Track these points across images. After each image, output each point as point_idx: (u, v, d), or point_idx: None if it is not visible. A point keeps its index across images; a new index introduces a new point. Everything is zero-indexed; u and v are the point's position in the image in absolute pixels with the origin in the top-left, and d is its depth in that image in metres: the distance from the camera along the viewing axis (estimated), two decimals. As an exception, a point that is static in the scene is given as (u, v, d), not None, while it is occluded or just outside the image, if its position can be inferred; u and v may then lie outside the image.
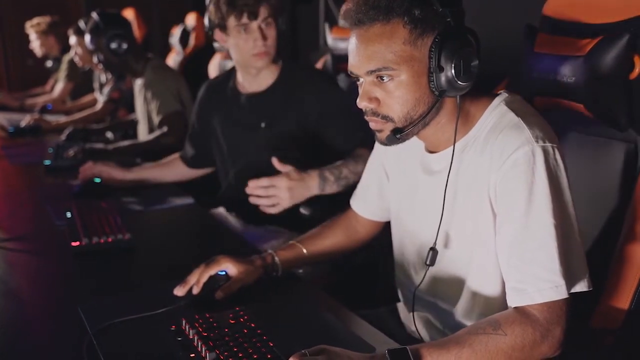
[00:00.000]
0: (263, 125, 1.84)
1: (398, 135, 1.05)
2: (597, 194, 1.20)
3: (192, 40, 3.95)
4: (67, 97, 4.23)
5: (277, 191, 1.53)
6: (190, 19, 4.03)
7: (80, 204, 1.73)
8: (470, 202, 1.08)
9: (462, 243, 1.11)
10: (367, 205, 1.40)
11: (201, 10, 4.16)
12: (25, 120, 3.21)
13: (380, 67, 1.00)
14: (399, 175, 1.27)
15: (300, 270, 1.42)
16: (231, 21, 1.72)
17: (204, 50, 3.84)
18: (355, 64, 1.04)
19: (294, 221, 1.74)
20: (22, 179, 2.33)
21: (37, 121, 3.19)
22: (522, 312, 0.97)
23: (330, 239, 1.42)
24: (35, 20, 4.36)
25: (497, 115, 1.05)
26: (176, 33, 4.11)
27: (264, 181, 1.53)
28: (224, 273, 1.23)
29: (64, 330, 1.14)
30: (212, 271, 1.22)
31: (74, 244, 1.47)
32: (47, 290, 1.35)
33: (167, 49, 4.45)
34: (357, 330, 1.09)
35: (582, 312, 1.10)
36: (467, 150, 1.08)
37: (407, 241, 1.26)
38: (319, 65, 2.65)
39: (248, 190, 1.53)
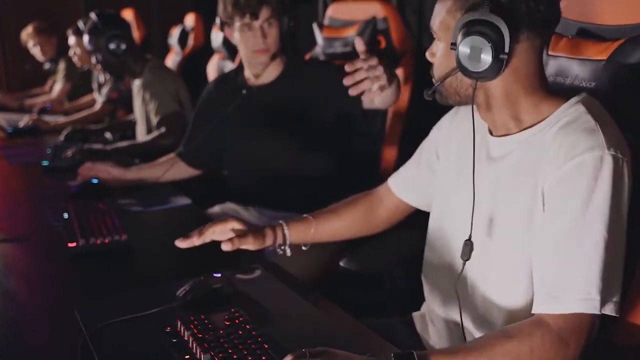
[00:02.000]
0: (271, 116, 1.96)
1: (428, 90, 1.10)
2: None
3: (190, 41, 3.96)
4: (65, 97, 4.23)
5: (374, 71, 1.31)
6: (189, 20, 4.03)
7: (77, 205, 1.73)
8: (521, 193, 1.04)
9: (505, 235, 1.07)
10: (405, 185, 1.37)
11: (200, 11, 4.19)
12: (23, 120, 3.21)
13: (433, 28, 1.08)
14: (454, 159, 1.23)
15: (305, 247, 1.41)
16: (236, 20, 1.90)
17: (203, 51, 3.85)
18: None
19: (311, 206, 1.81)
20: (20, 180, 2.33)
21: (36, 122, 3.19)
22: (540, 319, 0.94)
23: (346, 219, 1.41)
24: (28, 28, 4.37)
25: (572, 114, 1.00)
26: (175, 33, 4.11)
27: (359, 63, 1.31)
28: (219, 275, 1.23)
29: (59, 330, 1.14)
30: (218, 226, 1.27)
31: (70, 244, 1.47)
32: (44, 290, 1.35)
33: (166, 49, 4.45)
34: (353, 332, 1.09)
35: (605, 328, 1.07)
36: (530, 141, 1.04)
37: (448, 232, 1.20)
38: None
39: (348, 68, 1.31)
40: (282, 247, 1.35)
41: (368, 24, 2.21)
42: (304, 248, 1.40)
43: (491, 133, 1.13)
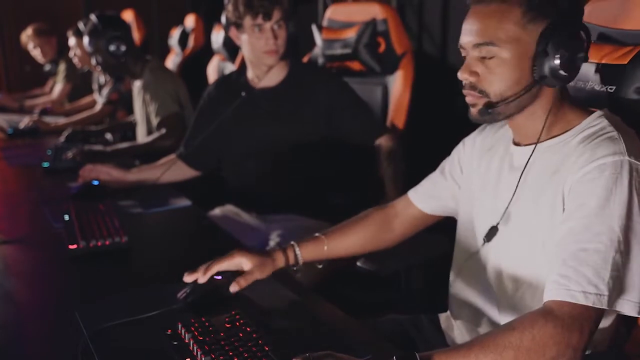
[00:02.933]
0: (276, 118, 1.97)
1: (490, 110, 1.06)
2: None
3: (191, 42, 3.96)
4: (66, 98, 4.24)
5: None
6: (189, 21, 4.04)
7: (78, 206, 1.73)
8: (543, 196, 1.06)
9: (521, 234, 1.11)
10: (426, 195, 1.39)
11: (200, 12, 4.19)
12: (24, 121, 3.21)
13: (487, 41, 1.03)
14: (478, 171, 1.25)
15: (320, 266, 1.42)
16: (247, 21, 1.90)
17: (203, 52, 3.86)
18: (465, 37, 1.07)
19: (311, 209, 1.84)
20: (20, 181, 2.33)
21: (36, 123, 3.19)
22: (546, 307, 0.94)
23: (359, 235, 1.41)
24: (27, 30, 4.38)
25: (596, 126, 1.04)
26: (175, 34, 4.12)
27: None
28: (220, 277, 1.23)
29: (60, 332, 1.14)
30: (224, 264, 1.24)
31: (71, 246, 1.47)
32: (44, 292, 1.35)
33: (166, 50, 4.45)
34: (354, 334, 1.09)
35: (617, 337, 1.07)
36: (554, 149, 1.08)
37: (475, 233, 1.24)
38: (304, 60, 2.68)
39: None
40: (295, 268, 1.35)
41: (368, 26, 2.21)
42: (319, 267, 1.41)
43: (516, 143, 1.16)
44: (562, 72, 1.02)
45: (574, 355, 0.91)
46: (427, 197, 1.39)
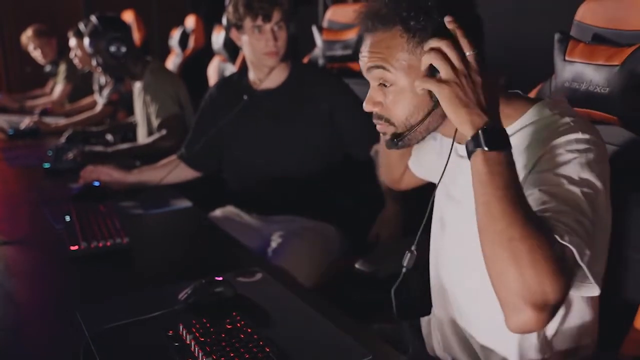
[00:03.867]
0: (277, 120, 1.97)
1: (396, 140, 1.05)
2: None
3: (191, 43, 3.96)
4: (66, 99, 4.24)
5: None
6: (190, 21, 4.03)
7: (79, 208, 1.74)
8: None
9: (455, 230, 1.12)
10: (414, 159, 1.41)
11: (200, 13, 4.19)
12: (24, 122, 3.22)
13: (379, 63, 1.01)
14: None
15: None
16: (247, 22, 1.91)
17: (203, 53, 3.85)
18: (362, 64, 1.06)
19: (312, 210, 1.85)
20: (21, 182, 2.33)
21: (37, 123, 3.20)
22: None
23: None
24: (27, 31, 4.38)
25: (542, 116, 1.02)
26: (175, 35, 4.12)
27: None
28: (221, 278, 1.23)
29: (61, 333, 1.15)
30: None
31: (72, 247, 1.47)
32: (46, 293, 1.35)
33: (166, 51, 4.45)
34: (355, 335, 1.10)
35: (613, 339, 1.07)
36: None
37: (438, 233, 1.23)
38: (304, 61, 2.68)
39: None
40: None
41: (368, 27, 2.22)
42: None
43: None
44: None
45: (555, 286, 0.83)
46: (418, 163, 1.40)
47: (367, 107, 1.06)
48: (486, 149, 0.89)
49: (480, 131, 0.90)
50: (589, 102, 1.16)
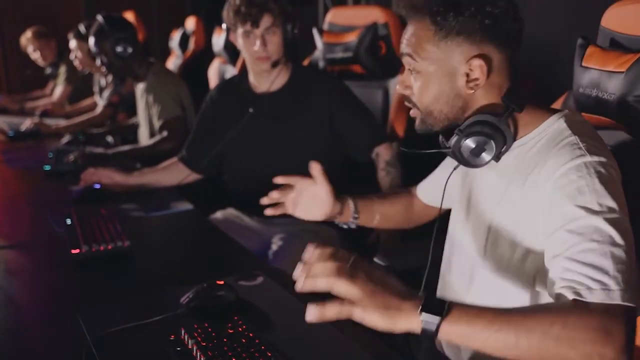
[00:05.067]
0: (277, 122, 1.97)
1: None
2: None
3: (191, 44, 3.96)
4: (66, 100, 4.24)
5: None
6: (190, 23, 4.03)
7: (79, 211, 1.74)
8: (515, 207, 1.07)
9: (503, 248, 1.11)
10: (429, 190, 1.44)
11: (200, 15, 4.19)
12: (25, 124, 3.22)
13: (409, 52, 1.08)
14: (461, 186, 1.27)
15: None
16: (238, 27, 1.92)
17: (204, 54, 3.85)
18: (400, 46, 1.13)
19: None
20: (21, 184, 2.33)
21: (37, 125, 3.20)
22: (577, 303, 0.86)
23: (395, 206, 1.49)
24: (27, 33, 4.38)
25: (554, 130, 1.04)
26: (176, 37, 4.12)
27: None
28: (222, 282, 1.23)
29: (63, 337, 1.15)
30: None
31: (73, 251, 1.47)
32: (47, 297, 1.35)
33: (166, 52, 4.45)
34: (356, 339, 1.10)
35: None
36: (518, 155, 1.08)
37: (457, 241, 1.26)
38: (304, 64, 2.68)
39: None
40: (345, 226, 1.44)
41: (369, 30, 2.22)
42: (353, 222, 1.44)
43: None
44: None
45: (616, 356, 0.81)
46: (426, 191, 1.44)
47: (399, 89, 1.14)
48: (442, 318, 0.82)
49: (422, 312, 0.83)
50: (600, 109, 1.16)
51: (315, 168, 1.35)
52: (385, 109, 2.25)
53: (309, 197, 1.39)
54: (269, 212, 1.37)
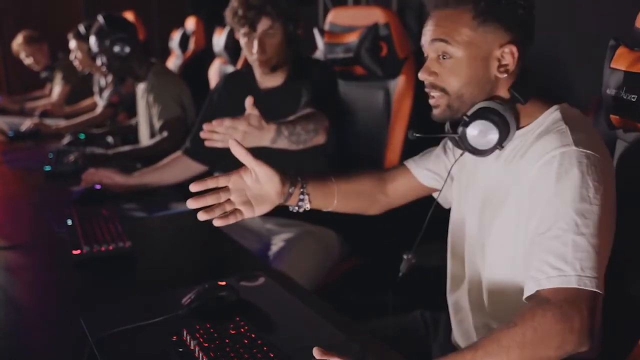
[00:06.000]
0: (277, 119, 1.90)
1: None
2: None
3: (191, 44, 3.96)
4: (64, 100, 4.23)
5: (233, 132, 1.51)
6: (190, 23, 4.03)
7: (80, 211, 1.73)
8: (509, 197, 1.11)
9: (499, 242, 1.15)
10: (421, 167, 1.40)
11: (200, 15, 4.19)
12: (25, 124, 3.22)
13: (442, 37, 1.10)
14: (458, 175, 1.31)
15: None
16: (238, 29, 1.91)
17: (204, 54, 3.85)
18: (424, 37, 1.15)
19: (314, 214, 1.85)
20: (22, 185, 2.33)
21: (37, 125, 3.19)
22: (534, 299, 0.96)
23: (361, 184, 1.41)
24: (17, 39, 4.37)
25: (549, 121, 1.10)
26: (176, 37, 4.12)
27: (227, 122, 1.50)
28: (224, 283, 1.23)
29: (65, 339, 1.14)
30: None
31: (74, 252, 1.47)
32: (48, 298, 1.35)
33: (166, 52, 4.45)
34: (357, 339, 1.10)
35: (619, 354, 1.07)
36: (519, 144, 1.12)
37: (459, 231, 1.28)
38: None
39: (207, 127, 1.50)
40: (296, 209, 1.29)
41: (370, 30, 2.20)
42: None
43: None
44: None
45: (579, 340, 0.91)
46: (425, 168, 1.40)
47: (422, 75, 1.15)
48: None
49: None
50: (625, 111, 1.16)
51: (237, 152, 1.17)
52: (387, 109, 2.23)
53: (255, 188, 1.20)
54: (217, 223, 1.17)
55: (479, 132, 1.10)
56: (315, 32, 2.42)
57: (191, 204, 1.14)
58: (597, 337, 1.09)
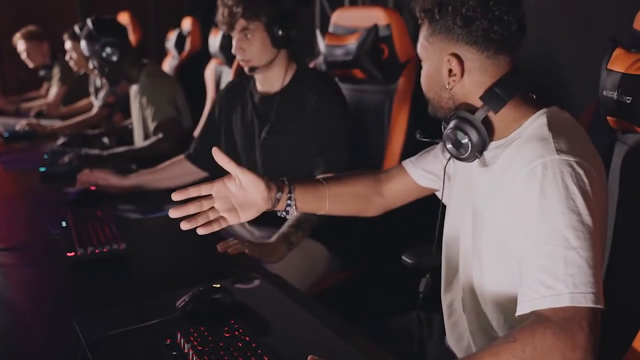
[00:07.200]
0: (272, 126, 1.92)
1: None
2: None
3: (187, 45, 3.96)
4: (61, 100, 4.22)
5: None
6: (186, 24, 4.03)
7: (75, 213, 1.73)
8: (496, 205, 1.10)
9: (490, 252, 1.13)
10: (417, 167, 1.39)
11: (197, 15, 4.18)
12: (20, 124, 3.20)
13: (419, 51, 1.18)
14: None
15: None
16: (221, 30, 1.92)
17: (200, 55, 3.85)
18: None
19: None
20: (16, 186, 2.32)
21: (33, 126, 3.18)
22: (532, 316, 0.95)
23: (354, 186, 1.39)
24: (17, 34, 4.34)
25: (534, 127, 1.07)
26: (172, 37, 4.11)
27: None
28: (219, 285, 1.23)
29: (58, 341, 1.14)
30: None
31: (69, 254, 1.46)
32: (42, 301, 1.34)
33: (162, 53, 4.44)
34: (352, 341, 1.09)
35: (613, 357, 1.06)
36: (505, 152, 1.10)
37: (454, 231, 1.27)
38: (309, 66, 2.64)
39: (221, 248, 1.48)
40: (282, 214, 1.26)
41: (370, 32, 2.15)
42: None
43: None
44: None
45: (583, 357, 0.90)
46: (422, 170, 1.39)
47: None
48: None
49: None
50: (621, 113, 1.16)
51: (220, 160, 1.14)
52: (387, 113, 2.17)
53: (239, 195, 1.17)
54: (201, 231, 1.15)
55: (454, 139, 1.11)
56: (317, 33, 2.40)
57: (173, 213, 1.12)
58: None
